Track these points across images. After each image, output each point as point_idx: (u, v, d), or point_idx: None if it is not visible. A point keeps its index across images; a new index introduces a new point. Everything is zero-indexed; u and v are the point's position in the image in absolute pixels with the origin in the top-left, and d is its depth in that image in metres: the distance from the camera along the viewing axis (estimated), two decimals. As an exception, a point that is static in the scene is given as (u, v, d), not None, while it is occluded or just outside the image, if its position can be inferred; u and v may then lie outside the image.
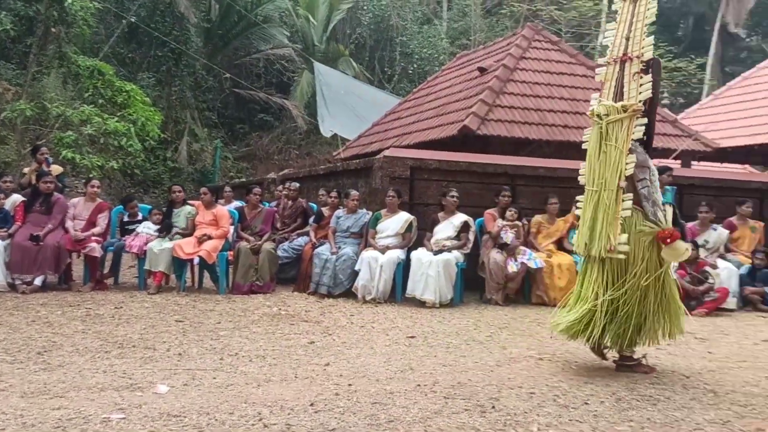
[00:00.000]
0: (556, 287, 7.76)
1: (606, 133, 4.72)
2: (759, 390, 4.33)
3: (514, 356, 5.17)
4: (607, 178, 4.66)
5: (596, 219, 4.70)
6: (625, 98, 4.74)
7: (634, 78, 4.75)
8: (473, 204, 8.57)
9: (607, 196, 4.64)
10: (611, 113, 4.72)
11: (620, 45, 4.89)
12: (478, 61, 13.87)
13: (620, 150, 4.64)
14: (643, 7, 4.86)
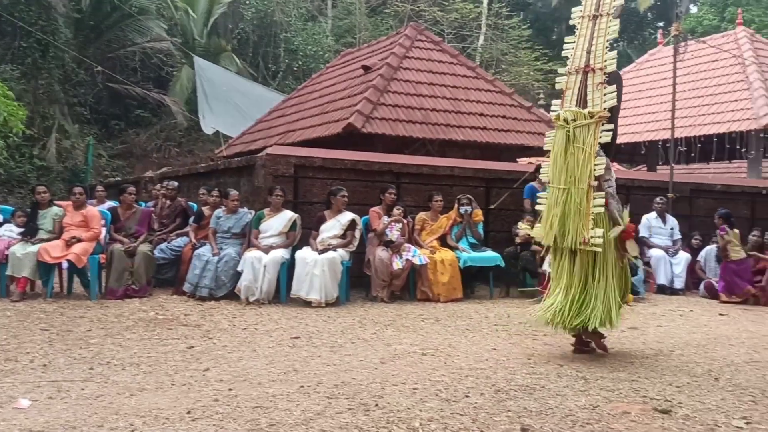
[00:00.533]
0: (440, 283, 7.90)
1: (573, 137, 5.11)
2: (625, 375, 4.57)
3: (398, 353, 5.19)
4: (577, 178, 5.05)
5: (567, 215, 5.09)
6: (589, 105, 5.14)
7: (598, 88, 5.16)
8: (358, 202, 8.57)
9: (578, 194, 5.04)
10: (578, 119, 5.11)
11: (581, 57, 5.29)
12: (363, 59, 13.92)
13: (588, 152, 5.04)
14: (605, 24, 5.30)
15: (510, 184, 9.60)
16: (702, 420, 3.65)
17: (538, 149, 12.22)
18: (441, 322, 6.56)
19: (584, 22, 5.42)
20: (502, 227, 9.61)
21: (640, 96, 16.65)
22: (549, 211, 5.22)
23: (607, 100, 5.09)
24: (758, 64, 14.58)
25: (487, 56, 26.71)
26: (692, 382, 4.42)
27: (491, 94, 12.91)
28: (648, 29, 41.16)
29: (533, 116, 12.90)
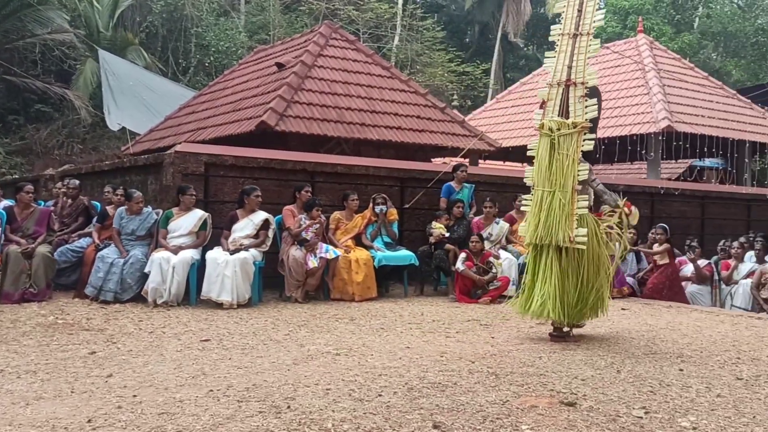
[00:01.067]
0: (355, 282, 7.88)
1: (558, 144, 5.63)
2: (534, 370, 4.68)
3: (311, 353, 5.13)
4: (562, 182, 5.56)
5: (551, 215, 5.57)
6: (571, 116, 5.69)
7: (580, 100, 5.72)
8: (272, 201, 8.43)
9: (563, 196, 5.55)
10: (562, 128, 5.65)
11: (563, 71, 5.82)
12: (277, 56, 13.74)
13: (572, 159, 5.58)
14: (585, 42, 5.83)
15: (424, 184, 9.72)
16: (605, 411, 3.77)
17: (452, 149, 12.43)
18: (355, 322, 6.54)
19: (564, 39, 5.93)
20: (417, 226, 9.69)
21: (549, 99, 17.17)
22: (534, 211, 5.69)
23: (589, 112, 5.67)
24: (657, 71, 15.34)
25: (402, 56, 26.93)
26: (596, 375, 4.57)
27: (406, 94, 13.01)
28: (556, 34, 42.47)
29: (447, 117, 13.09)
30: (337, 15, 25.27)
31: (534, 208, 5.74)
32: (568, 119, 5.69)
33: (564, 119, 5.70)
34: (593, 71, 5.86)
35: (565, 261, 5.59)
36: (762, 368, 4.93)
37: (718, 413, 3.78)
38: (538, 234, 5.63)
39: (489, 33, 39.67)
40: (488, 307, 7.72)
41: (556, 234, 5.55)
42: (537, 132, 5.88)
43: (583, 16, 5.93)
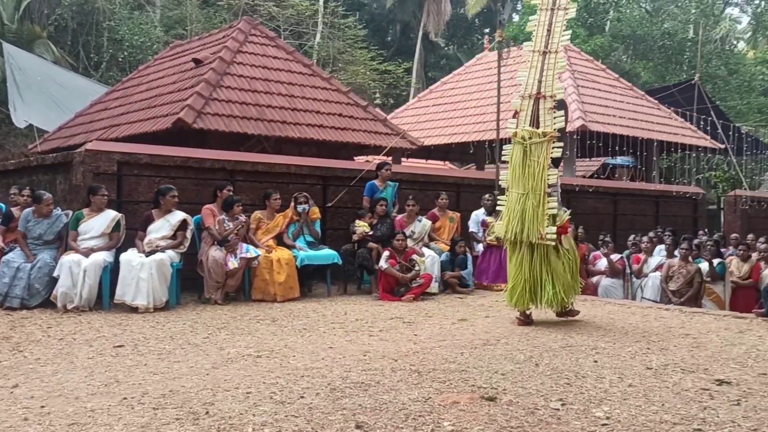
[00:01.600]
0: (276, 282, 7.77)
1: (529, 152, 6.26)
2: (455, 366, 4.73)
3: (231, 357, 5.01)
4: (533, 185, 6.21)
5: (525, 214, 6.23)
6: (541, 126, 6.31)
7: (549, 112, 6.32)
8: (190, 200, 8.22)
9: (534, 198, 6.21)
10: (533, 137, 6.28)
11: (533, 85, 6.45)
12: (194, 52, 13.39)
13: (542, 165, 6.23)
14: (553, 60, 6.46)
15: (347, 182, 9.70)
16: (524, 404, 3.85)
17: (374, 147, 12.44)
18: (277, 323, 6.44)
19: (535, 56, 6.56)
20: (340, 225, 9.66)
21: (469, 98, 17.48)
22: (509, 211, 6.36)
23: (557, 123, 6.29)
24: (572, 72, 15.84)
25: (323, 54, 26.80)
26: (515, 369, 4.66)
27: (328, 92, 12.94)
28: (476, 35, 43.43)
29: (369, 115, 13.10)
30: (257, 11, 24.87)
31: (507, 207, 6.40)
32: (538, 129, 6.31)
33: (535, 129, 6.31)
34: (560, 86, 6.51)
35: (537, 255, 6.28)
36: (670, 357, 5.15)
37: (629, 402, 3.92)
38: (512, 230, 6.29)
39: (410, 32, 40.01)
40: (411, 304, 7.77)
41: (528, 231, 6.21)
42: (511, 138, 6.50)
43: (551, 35, 6.55)
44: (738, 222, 15.93)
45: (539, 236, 6.18)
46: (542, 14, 6.72)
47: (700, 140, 17.34)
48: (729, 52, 36.82)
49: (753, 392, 4.19)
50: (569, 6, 6.69)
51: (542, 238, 6.19)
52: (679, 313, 7.58)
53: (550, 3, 6.71)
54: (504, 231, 6.42)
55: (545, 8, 6.71)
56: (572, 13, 6.78)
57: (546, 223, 6.22)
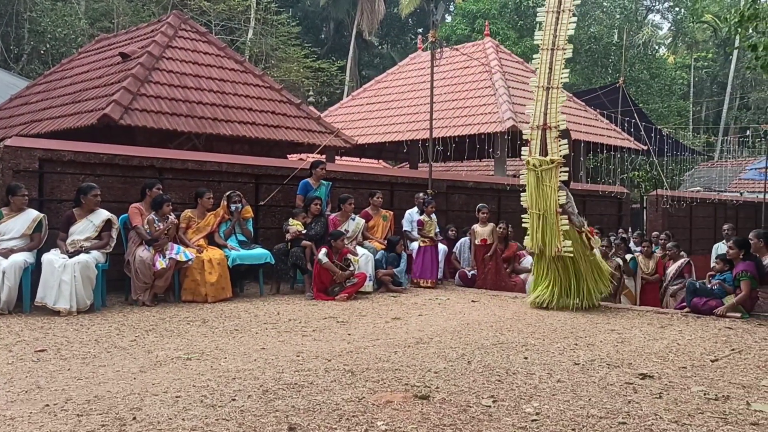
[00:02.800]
0: (207, 283, 7.61)
1: (541, 177, 7.40)
2: (389, 365, 4.74)
3: (160, 360, 4.87)
4: (548, 206, 7.37)
5: (545, 232, 7.38)
6: (550, 154, 7.42)
7: (555, 141, 7.43)
8: (116, 199, 7.98)
9: (550, 218, 7.35)
10: (543, 165, 7.42)
11: (540, 117, 7.55)
12: (121, 46, 12.99)
13: (552, 188, 7.36)
14: (555, 94, 7.54)
15: (280, 181, 9.59)
16: (456, 402, 3.89)
17: (308, 145, 12.36)
18: (208, 324, 6.31)
19: (539, 91, 7.60)
20: (273, 224, 9.55)
21: (403, 98, 17.58)
22: (532, 228, 7.50)
23: (562, 150, 7.40)
24: (503, 73, 16.15)
25: (256, 51, 26.44)
26: (448, 367, 4.71)
27: (260, 89, 12.78)
28: (410, 34, 43.75)
29: (303, 113, 13.00)
30: (187, 5, 24.32)
31: (531, 225, 7.53)
32: (546, 156, 7.40)
33: (543, 157, 7.42)
34: (563, 117, 7.55)
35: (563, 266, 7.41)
36: (596, 353, 5.31)
37: (558, 398, 4.02)
38: (538, 244, 7.45)
39: (344, 30, 39.98)
40: (345, 303, 7.75)
41: (549, 245, 7.36)
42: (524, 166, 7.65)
43: (553, 73, 7.57)
44: (660, 220, 16.59)
45: (557, 250, 7.32)
46: (544, 54, 7.69)
47: (624, 141, 17.97)
48: (651, 57, 38.34)
49: (674, 385, 4.36)
50: (567, 47, 7.64)
51: (558, 251, 7.31)
52: (605, 309, 7.83)
53: (550, 44, 7.67)
54: (531, 245, 7.58)
55: (546, 48, 7.69)
56: (569, 53, 7.66)
57: (561, 238, 7.30)
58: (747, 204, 21.14)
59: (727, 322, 6.90)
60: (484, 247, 9.79)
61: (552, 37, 7.69)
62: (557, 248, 7.31)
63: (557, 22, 7.70)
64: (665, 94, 36.08)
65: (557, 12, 7.72)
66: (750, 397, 4.13)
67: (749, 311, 7.22)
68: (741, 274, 7.24)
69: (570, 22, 7.68)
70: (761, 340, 5.99)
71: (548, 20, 7.76)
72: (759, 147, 29.19)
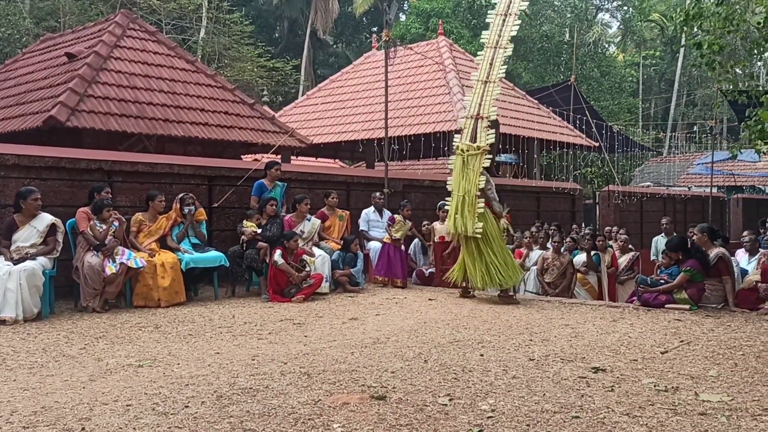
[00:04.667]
0: (160, 287, 7.46)
1: (467, 162, 7.90)
2: (345, 366, 4.72)
3: (110, 367, 4.76)
4: (469, 189, 7.82)
5: (463, 213, 7.81)
6: (478, 141, 7.93)
7: (485, 130, 7.95)
8: (64, 203, 7.76)
9: (469, 200, 7.79)
10: (470, 150, 7.91)
11: (475, 107, 8.12)
12: (67, 46, 12.65)
13: (475, 172, 7.81)
14: (491, 88, 8.11)
15: (234, 182, 9.47)
16: (413, 401, 3.89)
17: (262, 146, 12.23)
18: (161, 330, 6.18)
19: (478, 84, 8.18)
20: (227, 226, 9.43)
21: (358, 97, 17.55)
22: (453, 210, 7.92)
23: (489, 139, 7.91)
24: (456, 71, 16.24)
25: (209, 50, 26.07)
26: (405, 366, 4.71)
27: (213, 89, 12.59)
28: (364, 33, 43.72)
29: (257, 113, 12.86)
30: (136, 4, 23.83)
31: (453, 207, 7.94)
32: (475, 143, 7.89)
33: (472, 143, 7.92)
34: (495, 109, 8.07)
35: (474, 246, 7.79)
36: (551, 348, 5.38)
37: (513, 394, 4.05)
38: (458, 226, 7.83)
39: (298, 29, 39.76)
40: (302, 305, 7.69)
41: (465, 227, 7.77)
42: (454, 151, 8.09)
43: (492, 68, 8.16)
44: (612, 215, 16.93)
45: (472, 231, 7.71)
46: (487, 51, 8.28)
47: (577, 138, 18.27)
48: (601, 55, 39.12)
49: (625, 378, 4.44)
50: (507, 46, 8.24)
51: (471, 232, 7.72)
52: (559, 305, 7.95)
53: (494, 42, 8.27)
54: (451, 226, 7.99)
55: (490, 46, 8.28)
56: (509, 51, 8.29)
57: (474, 220, 7.70)
58: (695, 198, 21.74)
59: (676, 314, 7.07)
60: (443, 245, 9.81)
61: (497, 36, 8.32)
62: (471, 229, 7.74)
63: (503, 23, 8.38)
64: (615, 91, 36.86)
65: (504, 15, 8.43)
66: (698, 387, 4.23)
67: (697, 303, 7.41)
68: (685, 270, 7.45)
69: (514, 25, 8.39)
70: (708, 331, 6.16)
71: (496, 22, 8.50)
72: (705, 142, 30.03)
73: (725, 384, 4.31)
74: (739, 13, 9.91)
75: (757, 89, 11.95)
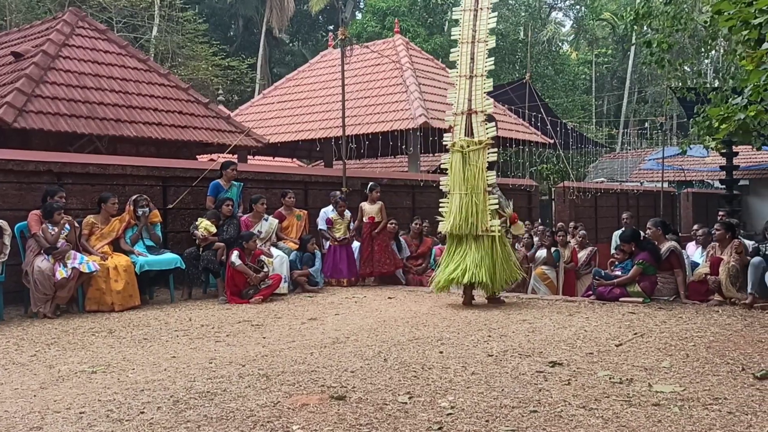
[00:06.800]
0: (114, 291, 7.30)
1: (468, 158, 7.54)
2: (305, 367, 4.68)
3: (63, 374, 4.63)
4: (475, 186, 7.45)
5: (469, 211, 7.41)
6: (476, 136, 7.61)
7: (481, 124, 7.66)
8: (11, 207, 7.56)
9: (476, 197, 7.44)
10: (471, 145, 7.58)
11: (464, 103, 7.80)
12: (13, 44, 12.28)
13: (480, 168, 7.48)
14: (480, 82, 7.80)
15: (189, 183, 9.33)
16: (373, 400, 3.88)
17: (218, 146, 12.08)
18: (115, 334, 6.05)
19: (462, 80, 7.89)
20: (182, 227, 9.28)
21: (315, 95, 17.45)
22: (452, 210, 7.53)
23: (490, 132, 7.61)
24: (413, 70, 16.28)
25: (162, 48, 25.62)
26: (365, 366, 4.70)
27: (166, 89, 12.37)
28: (320, 31, 43.54)
29: (211, 112, 12.69)
30: (85, 1, 23.28)
31: (452, 207, 7.56)
32: (474, 138, 7.58)
33: (471, 138, 7.59)
34: (489, 102, 7.81)
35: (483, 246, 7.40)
36: (509, 343, 5.43)
37: (472, 390, 4.07)
38: (458, 226, 7.44)
39: (254, 27, 39.36)
40: (260, 306, 7.62)
41: (474, 225, 7.38)
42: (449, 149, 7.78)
43: (475, 63, 7.87)
44: (567, 211, 17.20)
45: (484, 228, 7.36)
46: (463, 46, 8.01)
47: (532, 135, 18.50)
48: (555, 54, 39.73)
49: (582, 371, 4.51)
50: (489, 38, 7.96)
51: (486, 230, 7.37)
52: (517, 300, 8.04)
53: (470, 37, 8.00)
54: (449, 227, 7.54)
55: (466, 42, 8.03)
56: (492, 44, 7.97)
57: (489, 217, 7.40)
58: (647, 193, 22.24)
59: (630, 307, 7.22)
60: (372, 225, 9.78)
61: (471, 31, 8.05)
62: (484, 227, 7.35)
63: (476, 18, 8.08)
64: (569, 89, 37.50)
65: (474, 10, 8.13)
66: (652, 379, 4.32)
67: (650, 296, 7.58)
68: (638, 263, 7.63)
69: (490, 17, 8.08)
70: (661, 323, 6.30)
71: (465, 17, 8.20)
72: (656, 138, 30.76)
73: (677, 375, 4.41)
74: (687, 12, 10.18)
75: (704, 86, 12.30)
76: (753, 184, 26.64)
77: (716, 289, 7.51)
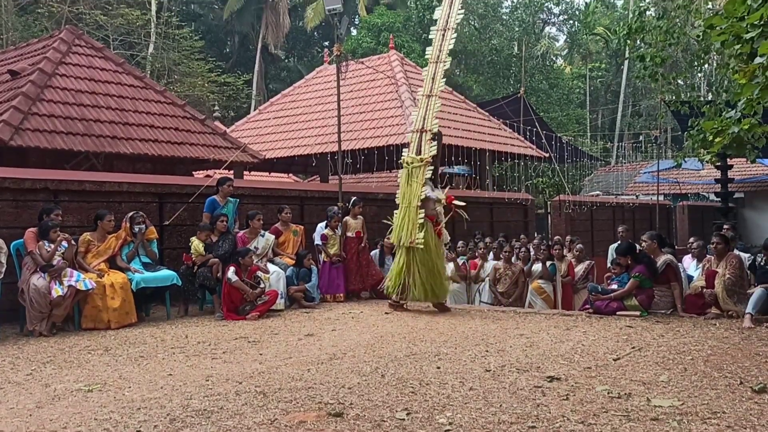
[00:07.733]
0: (110, 308, 7.27)
1: (411, 173, 8.13)
2: (302, 384, 4.66)
3: (59, 393, 4.61)
4: (412, 200, 8.04)
5: (405, 224, 7.97)
6: (422, 153, 8.17)
7: (427, 142, 8.19)
8: (7, 225, 7.54)
9: (411, 211, 8.00)
10: (414, 162, 8.14)
11: (420, 121, 8.37)
12: (10, 63, 12.31)
13: (418, 183, 8.05)
14: (433, 102, 8.39)
15: (185, 199, 9.32)
16: (370, 417, 3.86)
17: (214, 162, 12.09)
18: (111, 352, 6.02)
19: (423, 99, 8.48)
20: (179, 244, 9.26)
21: (311, 111, 17.50)
22: (397, 221, 8.11)
23: (431, 150, 8.15)
24: (408, 85, 16.35)
25: (158, 66, 25.69)
26: (362, 382, 4.68)
27: (162, 106, 12.40)
28: (316, 47, 43.75)
29: (208, 128, 12.71)
30: (82, 20, 23.35)
31: (398, 219, 8.12)
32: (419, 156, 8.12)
33: (416, 156, 8.14)
34: (437, 122, 8.34)
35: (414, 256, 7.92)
36: (506, 358, 5.42)
37: (470, 406, 4.06)
38: (399, 237, 8.04)
39: (249, 44, 39.54)
40: (257, 322, 7.59)
41: (406, 237, 7.94)
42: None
43: (434, 83, 8.44)
44: (563, 224, 17.22)
45: (410, 241, 7.89)
46: (431, 66, 8.56)
47: (527, 149, 18.56)
48: (549, 68, 39.95)
49: (580, 386, 4.50)
50: (446, 60, 8.52)
51: (412, 242, 7.88)
52: (514, 314, 8.03)
53: (435, 57, 8.51)
54: (395, 238, 8.15)
55: (433, 62, 8.55)
56: (447, 65, 8.56)
57: (416, 230, 7.85)
58: (642, 206, 22.29)
59: (628, 321, 7.22)
60: (357, 240, 9.79)
61: (438, 51, 8.55)
62: (411, 239, 7.89)
63: (443, 38, 8.58)
64: (564, 102, 37.67)
65: (444, 30, 8.62)
66: (650, 393, 4.32)
67: (647, 309, 7.58)
68: (634, 276, 7.63)
69: (451, 38, 8.57)
70: (659, 337, 6.30)
71: (437, 37, 8.71)
72: (651, 151, 30.89)
73: (676, 389, 4.41)
74: (680, 27, 10.25)
75: (698, 100, 12.37)
76: (748, 196, 26.74)
77: (713, 302, 7.51)
